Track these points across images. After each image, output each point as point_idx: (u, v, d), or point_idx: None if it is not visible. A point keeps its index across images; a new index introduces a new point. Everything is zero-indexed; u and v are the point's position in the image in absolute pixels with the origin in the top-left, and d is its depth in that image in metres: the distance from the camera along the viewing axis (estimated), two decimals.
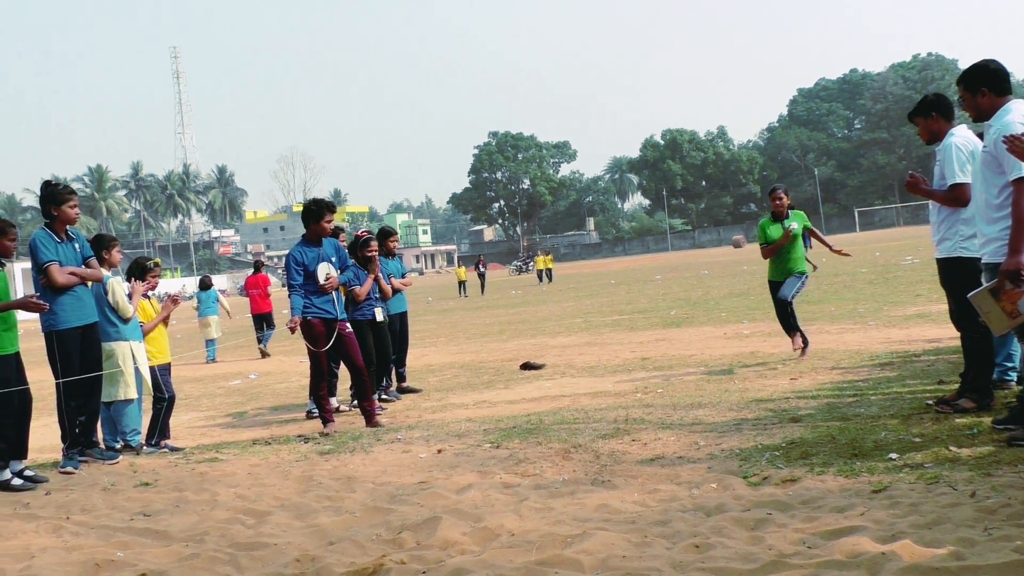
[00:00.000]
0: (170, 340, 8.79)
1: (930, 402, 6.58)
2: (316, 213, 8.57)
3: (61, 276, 7.04)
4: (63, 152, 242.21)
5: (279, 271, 49.09)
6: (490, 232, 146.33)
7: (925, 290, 17.00)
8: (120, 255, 8.09)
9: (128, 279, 8.20)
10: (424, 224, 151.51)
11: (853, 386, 8.00)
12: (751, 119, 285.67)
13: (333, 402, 9.63)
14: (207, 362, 19.04)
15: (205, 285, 20.34)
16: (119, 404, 7.86)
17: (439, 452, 6.79)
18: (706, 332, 14.60)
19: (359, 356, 8.72)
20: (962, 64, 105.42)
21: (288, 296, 8.60)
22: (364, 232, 10.10)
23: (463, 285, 42.01)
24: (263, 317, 19.48)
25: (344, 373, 9.71)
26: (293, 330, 8.50)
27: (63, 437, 7.25)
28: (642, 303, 23.58)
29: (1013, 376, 6.90)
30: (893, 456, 5.27)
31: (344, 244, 9.65)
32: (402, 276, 10.93)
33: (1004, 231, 5.42)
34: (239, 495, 5.91)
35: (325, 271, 8.53)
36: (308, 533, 4.87)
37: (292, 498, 5.72)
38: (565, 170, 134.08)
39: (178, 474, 6.75)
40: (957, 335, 6.67)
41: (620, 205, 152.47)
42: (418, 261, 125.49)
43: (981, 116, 5.74)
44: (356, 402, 9.21)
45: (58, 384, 7.09)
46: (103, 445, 7.79)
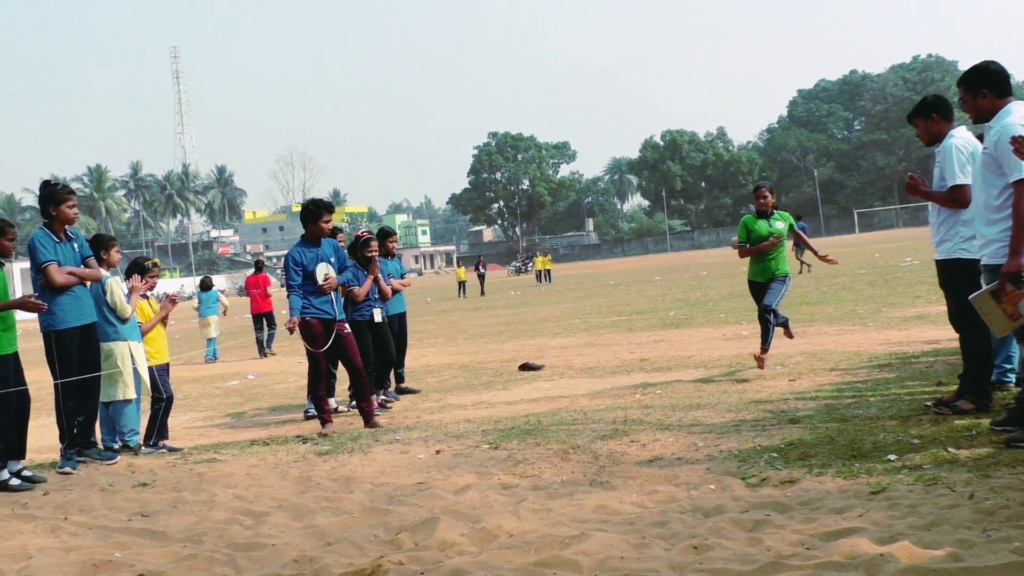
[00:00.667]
0: (168, 340, 8.79)
1: (929, 404, 6.58)
2: (314, 213, 8.57)
3: (60, 276, 7.04)
4: (62, 152, 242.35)
5: (278, 271, 49.10)
6: (489, 233, 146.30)
7: (924, 291, 17.00)
8: (119, 255, 8.09)
9: (127, 279, 8.19)
10: (423, 225, 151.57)
11: (852, 387, 8.00)
12: (751, 120, 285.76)
13: (332, 403, 9.63)
14: (206, 361, 19.07)
15: (206, 286, 20.38)
16: (117, 404, 7.85)
17: (437, 453, 6.79)
18: (705, 333, 14.59)
19: (358, 357, 8.72)
20: (962, 66, 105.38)
21: (287, 296, 8.60)
22: (364, 232, 10.10)
23: (463, 286, 42.01)
24: (263, 317, 19.53)
25: (342, 374, 9.71)
26: (292, 330, 8.51)
27: (61, 437, 7.24)
28: (641, 304, 23.58)
29: (1012, 378, 6.91)
30: (892, 457, 5.27)
31: (343, 244, 9.65)
32: (401, 277, 10.93)
33: (1004, 232, 5.42)
34: (237, 496, 5.91)
35: (324, 271, 8.53)
36: (306, 534, 4.87)
37: (290, 499, 5.72)
38: (564, 171, 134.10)
39: (176, 475, 6.74)
40: (956, 337, 6.67)
41: (619, 206, 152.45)
42: (417, 262, 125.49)
43: (982, 118, 5.75)
44: (355, 403, 9.21)
45: (56, 384, 7.09)
46: (101, 445, 7.79)
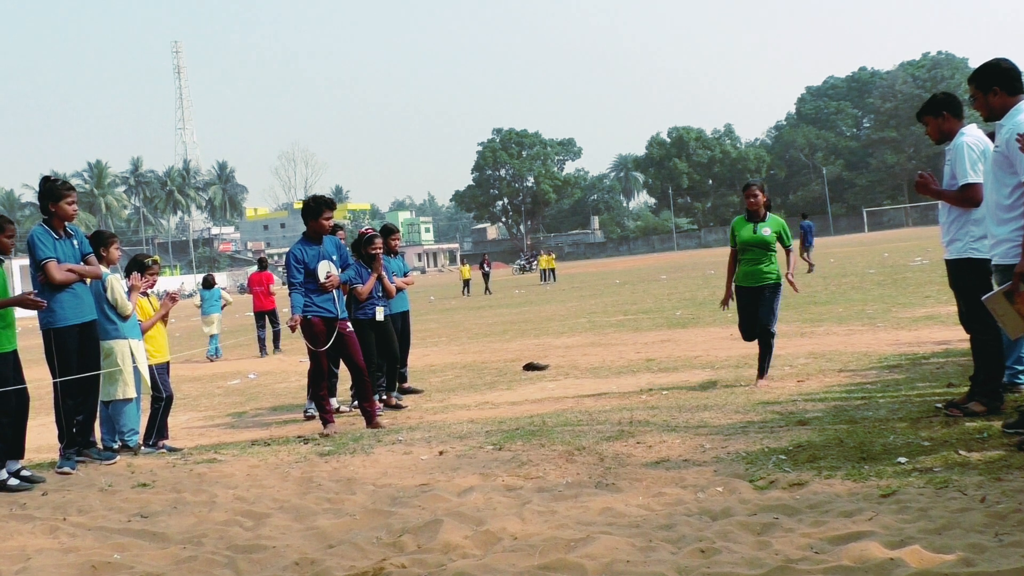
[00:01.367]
0: (169, 339, 8.80)
1: (939, 405, 6.56)
2: (315, 210, 8.57)
3: (59, 273, 7.04)
4: (62, 147, 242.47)
5: (280, 269, 48.93)
6: (493, 231, 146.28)
7: (934, 291, 16.97)
8: (119, 252, 8.09)
9: (127, 276, 8.19)
10: (426, 222, 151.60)
11: (861, 389, 7.98)
12: (758, 117, 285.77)
13: (333, 403, 9.63)
14: (208, 357, 19.17)
15: (208, 283, 20.44)
16: (117, 403, 7.86)
17: (441, 454, 6.79)
18: (712, 333, 14.57)
19: (360, 356, 8.71)
20: (972, 63, 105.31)
21: (288, 294, 8.60)
22: (368, 230, 10.09)
23: (467, 284, 42.02)
24: (265, 314, 19.59)
25: (344, 373, 9.71)
26: (293, 329, 8.51)
27: (60, 437, 7.24)
28: (647, 303, 23.56)
29: (1023, 379, 6.89)
30: (902, 460, 5.26)
31: (344, 241, 9.64)
32: (404, 275, 10.92)
33: (1015, 232, 5.40)
34: (238, 496, 5.90)
35: (326, 269, 8.53)
36: (307, 536, 4.86)
37: (291, 500, 5.72)
38: (570, 168, 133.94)
39: (176, 475, 6.75)
40: (967, 337, 6.65)
41: (625, 204, 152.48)
42: (420, 259, 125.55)
43: (993, 115, 5.73)
44: (357, 403, 9.21)
45: (55, 383, 7.09)
46: (100, 445, 7.79)
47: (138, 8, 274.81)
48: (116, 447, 7.85)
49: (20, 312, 6.85)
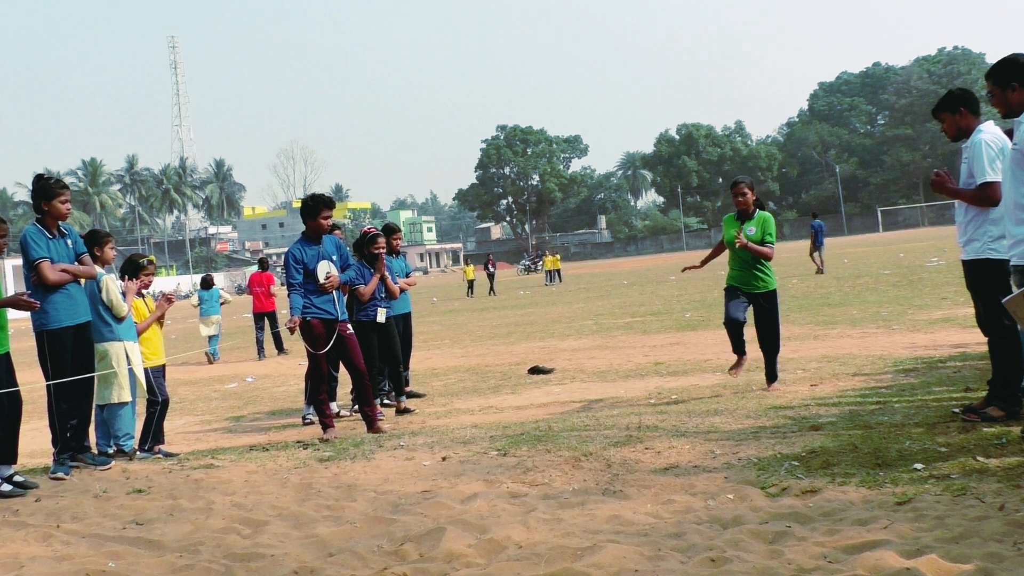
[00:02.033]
0: (165, 341, 8.80)
1: (957, 410, 6.54)
2: (313, 209, 8.57)
3: (53, 273, 7.04)
4: (56, 145, 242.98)
5: (278, 269, 49.01)
6: (497, 230, 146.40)
7: (951, 293, 16.94)
8: (114, 252, 8.09)
9: (122, 277, 8.21)
10: (429, 221, 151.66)
11: (876, 393, 7.97)
12: (770, 114, 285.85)
13: (333, 407, 9.63)
14: (207, 354, 19.30)
15: (207, 284, 20.49)
16: (112, 407, 7.86)
17: (443, 460, 6.78)
18: (722, 335, 14.45)
19: (360, 358, 8.71)
20: (989, 58, 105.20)
21: (287, 295, 8.60)
22: (371, 229, 10.09)
23: (471, 285, 42.04)
24: (264, 316, 19.63)
25: (344, 376, 9.71)
26: (292, 330, 8.52)
27: (54, 441, 7.25)
28: (656, 305, 23.55)
29: None
30: (918, 466, 5.24)
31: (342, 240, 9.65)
32: (406, 275, 10.93)
33: None
34: (235, 503, 5.91)
35: (325, 270, 8.53)
36: (307, 544, 4.86)
37: (290, 507, 5.71)
38: (576, 166, 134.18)
39: (172, 481, 6.75)
40: (984, 340, 6.63)
41: (633, 202, 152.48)
42: (422, 260, 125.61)
43: (1011, 112, 5.71)
44: (357, 407, 9.21)
45: (49, 386, 7.10)
46: (95, 450, 7.80)
47: (134, 1, 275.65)
48: (111, 452, 7.85)
49: (13, 313, 6.85)
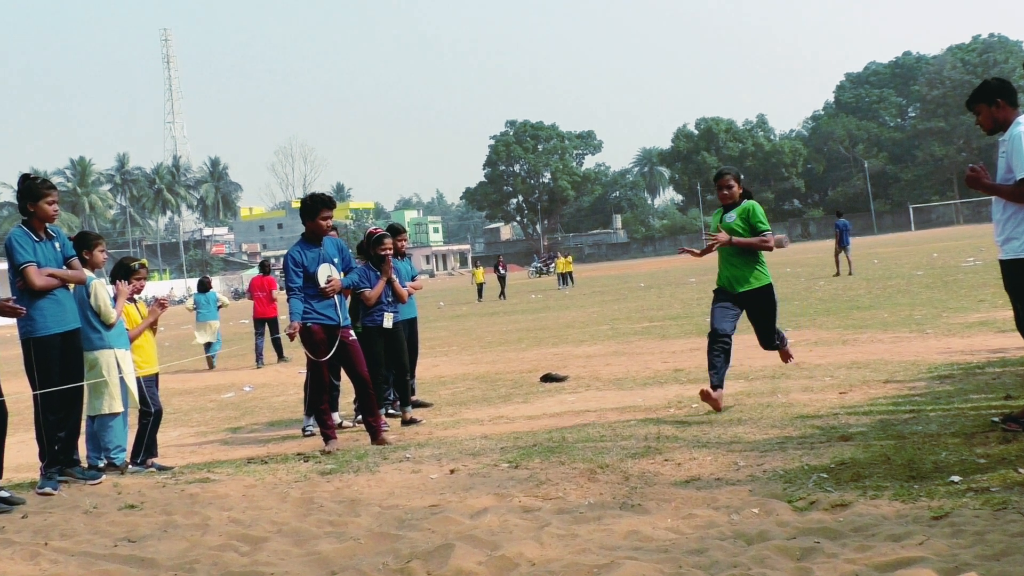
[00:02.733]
0: (158, 348, 8.82)
1: (996, 419, 6.51)
2: (312, 209, 8.57)
3: (39, 278, 7.05)
4: (43, 143, 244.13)
5: (276, 272, 49.17)
6: (507, 230, 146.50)
7: (989, 295, 16.86)
8: (104, 255, 8.11)
9: (112, 282, 8.22)
10: (435, 222, 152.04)
11: (909, 401, 7.94)
12: (794, 107, 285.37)
13: (335, 417, 9.63)
14: (209, 357, 19.35)
15: (204, 287, 20.53)
16: (103, 418, 7.87)
17: (452, 472, 6.78)
18: (745, 341, 14.46)
19: (364, 366, 8.71)
20: None
21: (287, 300, 8.61)
22: (377, 229, 10.08)
23: (481, 288, 42.06)
24: (265, 321, 19.65)
25: (347, 385, 9.71)
26: (292, 337, 8.52)
27: (41, 455, 7.26)
28: (675, 308, 23.51)
29: None
30: (955, 479, 5.22)
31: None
32: (412, 279, 10.93)
33: None
34: (233, 519, 5.91)
35: (326, 273, 8.53)
36: (308, 561, 4.86)
37: (291, 523, 5.72)
38: (590, 163, 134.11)
39: (166, 496, 6.76)
40: None
41: (650, 201, 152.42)
42: (429, 262, 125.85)
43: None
44: (360, 417, 9.21)
45: (36, 396, 7.11)
46: (85, 463, 7.81)
47: None
48: (101, 465, 7.86)
49: None
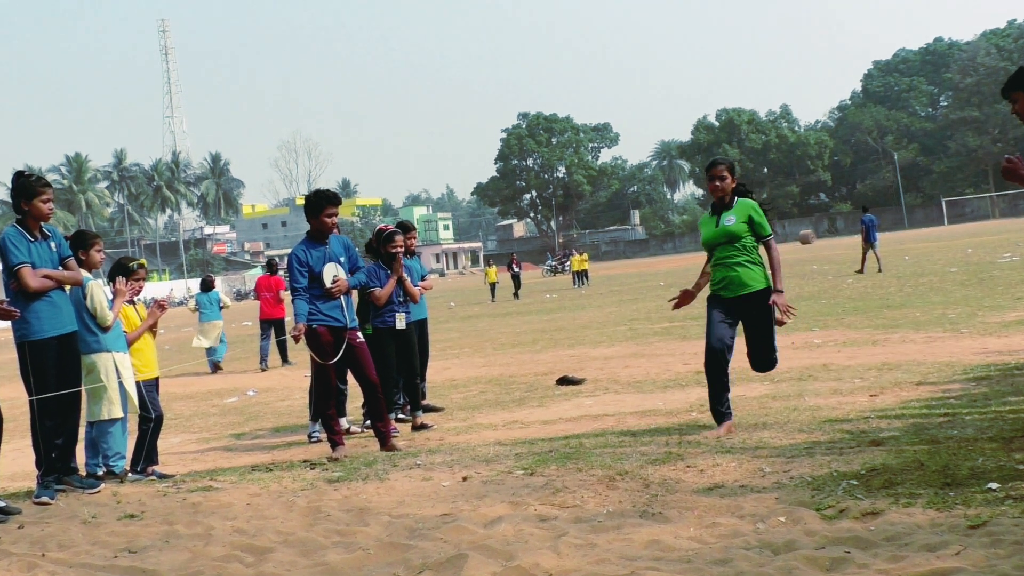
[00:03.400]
0: (158, 351, 8.85)
1: None
2: (316, 206, 8.58)
3: (34, 280, 7.07)
4: (37, 139, 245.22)
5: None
6: (520, 227, 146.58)
7: None
8: (101, 255, 8.12)
9: (110, 282, 8.23)
10: (445, 219, 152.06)
11: (944, 404, 7.91)
12: (820, 96, 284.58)
13: (343, 422, 9.64)
14: (213, 359, 19.44)
15: (207, 286, 20.57)
16: (102, 424, 7.90)
17: (464, 480, 6.78)
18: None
19: (372, 369, 8.71)
20: None
21: (291, 301, 8.62)
22: (387, 226, 10.09)
23: (494, 288, 42.06)
24: (272, 323, 19.66)
25: (355, 390, 9.72)
26: (297, 339, 8.54)
27: (38, 463, 7.28)
28: (696, 308, 23.33)
29: None
30: (993, 486, 5.19)
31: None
32: (422, 278, 10.93)
33: None
34: (237, 529, 5.92)
35: (332, 273, 8.54)
36: (315, 572, 4.87)
37: (297, 532, 5.73)
38: (606, 156, 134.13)
39: (167, 505, 6.78)
40: None
41: (669, 196, 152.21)
42: (438, 261, 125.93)
43: None
44: (369, 422, 9.21)
45: (32, 402, 7.13)
46: (83, 472, 7.83)
47: None
48: (100, 474, 7.89)
49: None
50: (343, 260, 8.69)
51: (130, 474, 8.09)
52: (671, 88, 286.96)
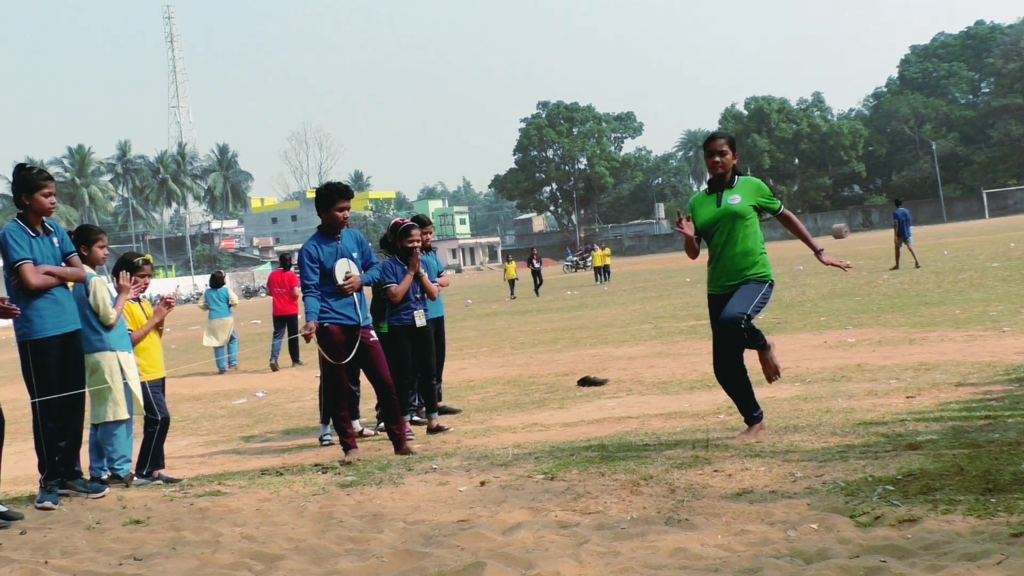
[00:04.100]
0: (164, 351, 8.89)
1: None
2: (327, 199, 8.59)
3: (36, 277, 7.09)
4: (39, 131, 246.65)
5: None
6: (540, 221, 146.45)
7: None
8: (105, 251, 8.17)
9: (114, 278, 8.25)
10: (461, 212, 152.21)
11: (985, 406, 7.87)
12: (854, 84, 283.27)
13: (356, 425, 9.66)
14: (228, 367, 19.65)
15: (216, 282, 20.65)
16: (107, 426, 7.93)
17: (482, 485, 6.79)
18: (802, 340, 14.44)
19: (386, 369, 8.72)
20: None
21: (302, 298, 8.64)
22: (403, 220, 10.10)
23: (514, 284, 42.06)
24: (285, 320, 19.71)
25: (368, 391, 9.73)
26: (308, 338, 8.55)
27: (41, 466, 7.33)
28: None
29: None
30: None
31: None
32: (438, 274, 10.94)
33: None
34: (245, 535, 5.95)
35: (344, 269, 8.55)
36: None
37: (308, 539, 5.75)
38: (629, 147, 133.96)
39: (174, 510, 6.81)
40: None
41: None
42: (455, 256, 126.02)
43: None
44: (383, 424, 9.23)
45: (34, 403, 7.17)
46: (87, 475, 7.87)
47: None
48: (105, 477, 7.93)
49: None
50: (356, 256, 8.69)
51: (135, 478, 8.13)
52: (698, 75, 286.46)
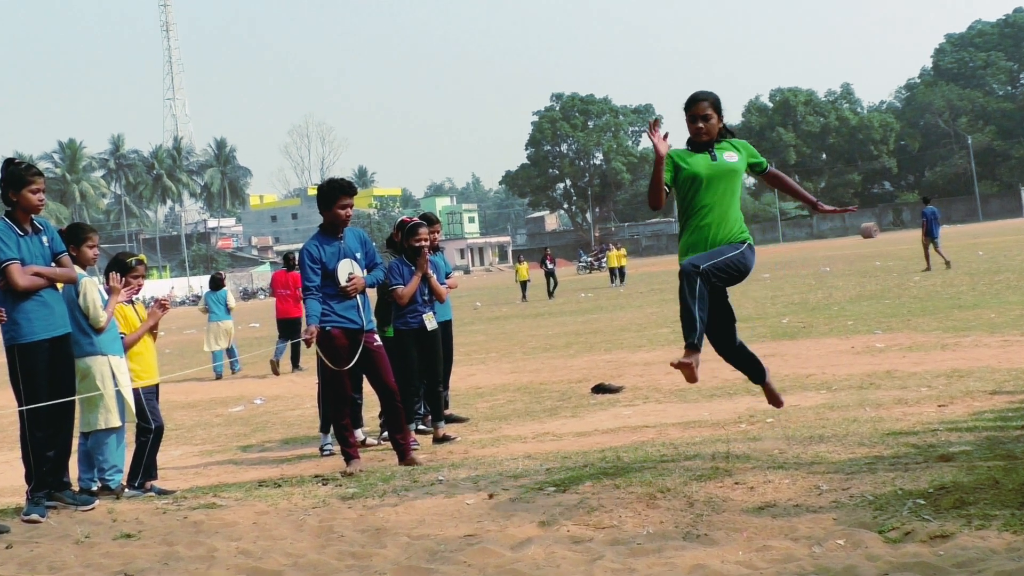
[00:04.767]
0: (159, 356, 8.90)
1: None
2: (328, 196, 8.59)
3: (23, 278, 7.10)
4: (28, 124, 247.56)
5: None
6: (552, 220, 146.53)
7: None
8: (96, 251, 8.17)
9: (106, 279, 8.25)
10: (470, 210, 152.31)
11: (1021, 415, 7.85)
12: (885, 74, 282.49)
13: (358, 434, 9.66)
14: (232, 371, 19.61)
15: (216, 284, 20.70)
16: (99, 435, 7.93)
17: (490, 497, 6.79)
18: (828, 345, 14.42)
19: (390, 375, 8.72)
20: None
21: (303, 301, 8.64)
22: (411, 218, 10.10)
23: (525, 286, 42.02)
24: (290, 323, 19.72)
25: (371, 398, 9.74)
26: (309, 343, 8.54)
27: (28, 477, 7.34)
28: (746, 308, 23.38)
29: None
30: None
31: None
32: (446, 276, 10.94)
33: None
34: (242, 550, 5.96)
35: (347, 270, 8.55)
36: None
37: (308, 554, 5.76)
38: (647, 141, 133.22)
39: (167, 523, 6.83)
40: None
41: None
42: (463, 256, 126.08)
43: None
44: (387, 434, 9.23)
45: (22, 411, 7.19)
46: (76, 487, 7.89)
47: None
48: (95, 489, 7.94)
49: None
50: (359, 256, 8.68)
51: (127, 490, 8.14)
52: (719, 66, 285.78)
